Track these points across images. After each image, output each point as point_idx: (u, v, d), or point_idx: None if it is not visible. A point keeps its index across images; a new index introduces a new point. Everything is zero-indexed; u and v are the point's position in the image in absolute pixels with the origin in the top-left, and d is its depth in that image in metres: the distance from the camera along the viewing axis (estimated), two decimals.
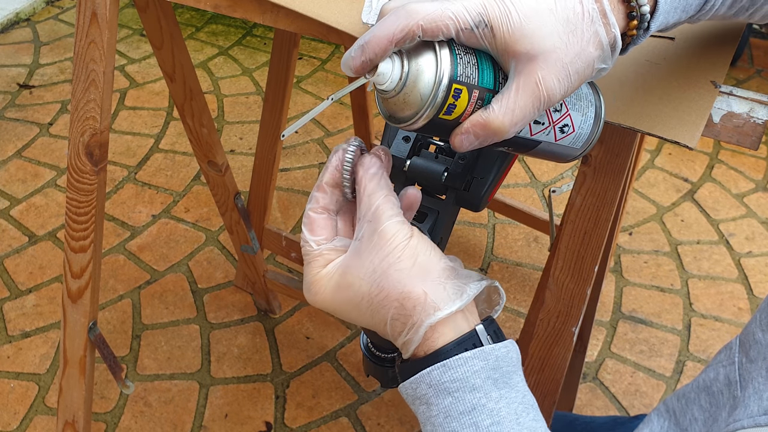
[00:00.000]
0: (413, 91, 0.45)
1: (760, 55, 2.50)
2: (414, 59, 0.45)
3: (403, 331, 0.48)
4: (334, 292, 0.50)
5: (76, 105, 0.87)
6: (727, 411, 0.57)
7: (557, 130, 0.51)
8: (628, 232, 1.87)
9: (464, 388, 0.47)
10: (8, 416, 1.45)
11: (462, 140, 0.46)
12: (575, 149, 0.54)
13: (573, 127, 0.52)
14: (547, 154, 0.54)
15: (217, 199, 1.36)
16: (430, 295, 0.48)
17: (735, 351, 0.59)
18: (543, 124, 0.50)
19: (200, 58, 2.43)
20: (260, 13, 0.74)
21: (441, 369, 0.47)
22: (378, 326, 0.50)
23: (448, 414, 0.47)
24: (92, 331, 1.01)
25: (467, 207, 0.61)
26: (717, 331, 1.64)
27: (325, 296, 0.50)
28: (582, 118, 0.52)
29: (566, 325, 0.78)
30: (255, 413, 1.47)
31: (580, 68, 0.45)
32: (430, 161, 0.60)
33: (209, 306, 1.66)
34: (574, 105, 0.52)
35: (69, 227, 0.95)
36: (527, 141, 0.51)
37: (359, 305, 0.49)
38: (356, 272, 0.48)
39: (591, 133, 0.54)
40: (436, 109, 0.45)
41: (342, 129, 2.16)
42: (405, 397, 0.50)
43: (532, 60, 0.44)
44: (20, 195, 1.92)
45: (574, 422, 0.93)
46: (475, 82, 0.46)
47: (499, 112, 0.45)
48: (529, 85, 0.44)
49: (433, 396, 0.48)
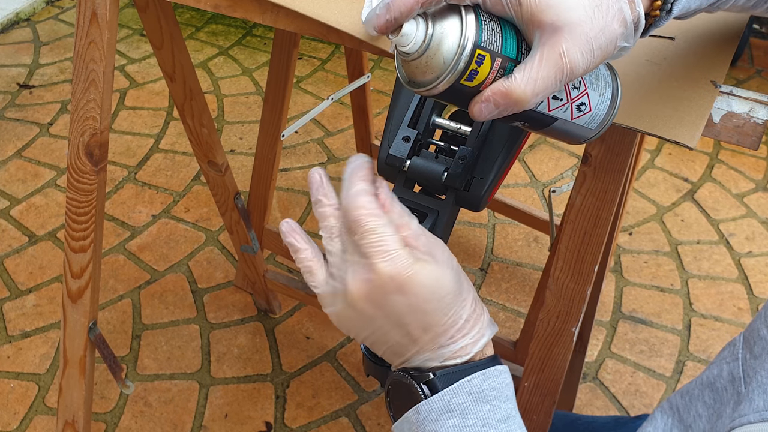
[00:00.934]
0: (436, 55, 0.45)
1: (760, 55, 2.50)
2: (439, 22, 0.45)
3: (468, 336, 0.51)
4: (419, 270, 0.48)
5: (76, 105, 0.87)
6: (731, 407, 0.57)
7: (574, 107, 0.51)
8: (628, 232, 1.87)
9: (500, 397, 0.50)
10: (8, 416, 1.45)
11: (481, 108, 0.45)
12: (589, 130, 0.54)
13: (590, 106, 0.52)
14: (561, 134, 0.53)
15: (217, 199, 1.36)
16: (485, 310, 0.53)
17: (739, 348, 0.59)
18: (561, 100, 0.50)
19: (200, 58, 2.43)
20: (260, 13, 0.74)
21: (481, 377, 0.49)
22: (436, 327, 0.49)
23: (486, 422, 0.49)
24: (92, 331, 1.01)
25: (467, 207, 0.61)
26: (717, 331, 1.64)
27: (403, 265, 0.47)
28: (599, 98, 0.52)
29: (566, 325, 0.78)
30: (255, 413, 1.47)
31: (604, 44, 0.45)
32: (430, 161, 0.60)
33: (209, 306, 1.66)
34: (593, 84, 0.51)
35: (69, 227, 0.95)
36: (544, 117, 0.50)
37: (441, 298, 0.49)
38: (443, 272, 0.49)
39: (606, 115, 0.53)
40: (458, 75, 0.45)
41: (342, 129, 2.16)
42: (426, 415, 0.49)
43: (557, 31, 0.44)
44: (20, 195, 1.92)
45: (576, 422, 0.94)
46: (499, 50, 0.45)
47: (521, 81, 0.44)
48: (552, 57, 0.44)
49: (472, 404, 0.49)
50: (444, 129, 0.63)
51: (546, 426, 0.88)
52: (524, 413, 0.89)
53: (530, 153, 2.11)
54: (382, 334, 0.50)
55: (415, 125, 0.61)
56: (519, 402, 0.88)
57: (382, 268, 0.47)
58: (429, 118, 0.62)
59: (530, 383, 0.86)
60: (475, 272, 1.75)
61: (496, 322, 1.63)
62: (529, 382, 0.86)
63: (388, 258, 0.47)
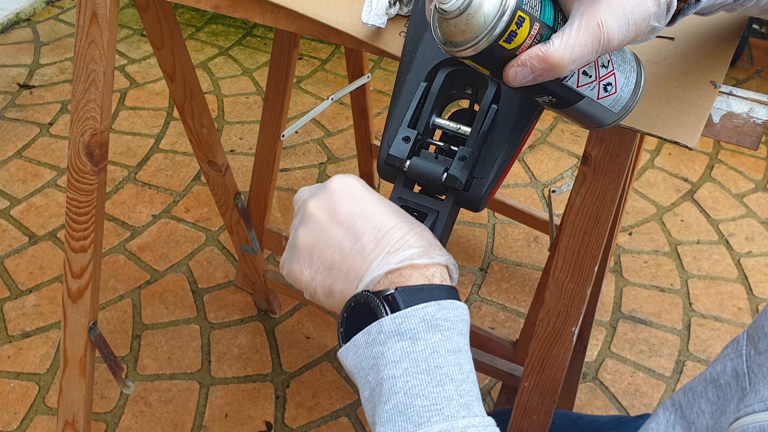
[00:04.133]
0: (477, 13, 0.44)
1: (759, 55, 2.50)
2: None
3: (423, 242, 0.51)
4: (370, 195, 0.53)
5: (77, 105, 0.87)
6: (735, 403, 0.58)
7: (601, 87, 0.51)
8: (628, 232, 1.88)
9: (453, 329, 0.49)
10: (8, 416, 1.45)
11: (516, 72, 0.46)
12: (612, 114, 0.53)
13: (615, 87, 0.52)
14: (583, 115, 0.53)
15: (217, 199, 1.36)
16: None
17: (743, 344, 0.60)
18: (590, 77, 0.50)
19: (200, 58, 2.43)
20: (260, 14, 0.74)
21: (436, 306, 0.48)
22: (390, 229, 0.51)
23: (435, 350, 0.48)
24: (92, 331, 1.01)
25: (467, 207, 0.61)
26: (717, 331, 1.64)
27: (358, 179, 0.53)
28: (624, 81, 0.52)
29: (566, 324, 0.78)
30: (255, 413, 1.47)
31: (638, 20, 0.46)
32: (430, 161, 0.60)
33: (209, 306, 1.66)
34: (620, 65, 0.52)
35: (69, 227, 0.95)
36: (572, 92, 0.50)
37: (388, 205, 0.53)
38: None
39: (629, 100, 0.53)
40: (497, 36, 0.45)
41: (342, 129, 2.16)
42: (375, 336, 0.49)
43: (596, 2, 0.45)
44: (20, 195, 1.92)
45: (578, 421, 0.94)
46: (538, 15, 0.46)
47: (559, 46, 0.45)
48: (591, 26, 0.45)
49: (424, 331, 0.48)
50: (444, 129, 0.63)
51: (546, 425, 0.89)
52: (524, 413, 0.89)
53: (530, 153, 2.11)
54: (337, 250, 0.51)
55: (415, 125, 0.61)
56: (519, 402, 0.89)
57: (334, 180, 0.53)
58: (429, 118, 0.62)
59: (530, 383, 0.86)
60: (475, 272, 1.75)
61: (496, 322, 1.64)
62: (529, 382, 0.86)
63: (340, 176, 0.53)
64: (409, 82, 0.62)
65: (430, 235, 0.54)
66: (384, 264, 0.50)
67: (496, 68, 0.47)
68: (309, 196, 0.54)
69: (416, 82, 0.62)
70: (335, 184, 0.53)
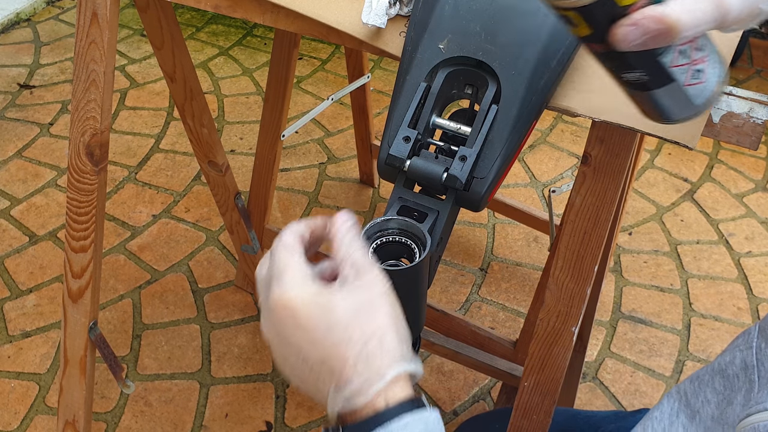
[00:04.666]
0: None
1: (759, 55, 2.50)
2: None
3: (364, 372, 0.46)
4: (311, 299, 0.47)
5: (77, 105, 0.87)
6: (743, 394, 0.58)
7: (692, 71, 0.49)
8: (627, 232, 1.88)
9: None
10: (9, 416, 1.45)
11: (627, 32, 0.42)
12: (693, 106, 0.51)
13: (705, 75, 0.50)
14: (665, 102, 0.51)
15: (218, 199, 1.36)
16: (405, 345, 0.47)
17: (753, 336, 0.60)
18: (687, 58, 0.48)
19: (201, 59, 2.43)
20: (260, 14, 0.75)
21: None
22: (332, 360, 0.46)
23: None
24: (93, 331, 1.01)
25: (467, 207, 0.61)
26: (717, 331, 1.64)
27: (298, 293, 0.47)
28: (712, 71, 0.50)
29: (566, 324, 0.78)
30: (255, 413, 1.47)
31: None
32: (430, 161, 0.60)
33: (209, 306, 1.66)
34: (713, 53, 0.50)
35: (69, 227, 0.95)
36: (666, 72, 0.48)
37: (331, 328, 0.46)
38: (339, 299, 0.47)
39: (712, 95, 0.51)
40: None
41: (342, 129, 2.17)
42: None
43: None
44: (21, 195, 1.92)
45: (576, 416, 0.94)
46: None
47: (677, 8, 0.42)
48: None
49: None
50: (444, 129, 0.63)
51: (546, 425, 0.89)
52: (524, 413, 0.89)
53: (530, 153, 2.11)
54: (294, 368, 0.48)
55: (415, 125, 0.61)
56: (519, 401, 0.89)
57: (274, 291, 0.48)
58: (429, 118, 0.62)
59: (530, 383, 0.86)
60: (475, 272, 1.75)
61: (496, 322, 1.64)
62: (529, 382, 0.86)
63: (282, 283, 0.48)
64: (410, 82, 0.63)
65: (396, 342, 0.47)
66: (332, 404, 0.46)
67: (603, 27, 0.44)
68: (263, 290, 0.50)
69: (416, 82, 0.62)
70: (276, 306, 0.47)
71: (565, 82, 0.63)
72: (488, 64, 0.61)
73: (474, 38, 0.61)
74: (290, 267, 0.48)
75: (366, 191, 1.96)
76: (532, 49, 0.60)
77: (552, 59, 0.60)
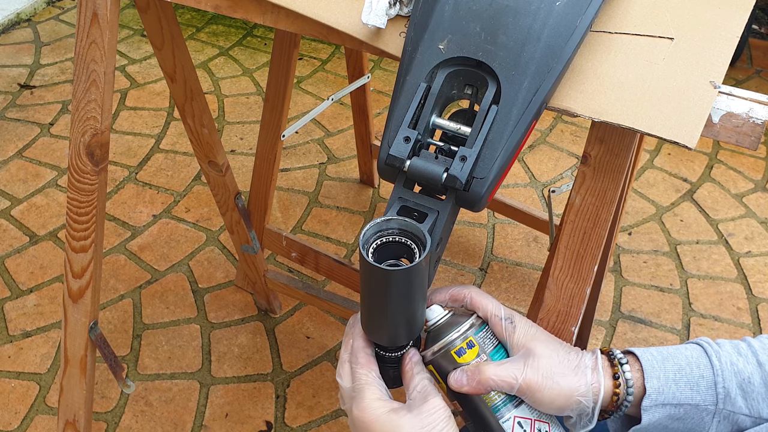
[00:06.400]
0: (445, 323, 0.65)
1: (759, 55, 2.50)
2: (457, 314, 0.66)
3: None
4: (385, 418, 0.60)
5: (77, 105, 0.87)
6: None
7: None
8: (627, 232, 1.88)
9: None
10: (9, 416, 1.45)
11: (456, 375, 0.63)
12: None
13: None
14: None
15: (218, 199, 1.36)
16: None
17: None
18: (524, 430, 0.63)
19: (201, 59, 2.44)
20: (260, 14, 0.75)
21: None
22: None
23: None
24: (93, 331, 1.01)
25: (467, 207, 0.61)
26: (716, 331, 1.64)
27: (374, 413, 0.60)
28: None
29: (566, 324, 0.78)
30: (255, 413, 1.47)
31: (561, 380, 0.62)
32: (430, 161, 0.60)
33: (210, 306, 1.66)
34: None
35: (70, 227, 0.95)
36: None
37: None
38: (406, 421, 0.59)
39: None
40: (449, 345, 0.63)
41: (342, 129, 2.17)
42: None
43: (531, 354, 0.63)
44: (21, 195, 1.92)
45: None
46: (488, 351, 0.64)
47: (489, 369, 0.62)
48: (519, 363, 0.62)
49: None
50: (444, 129, 0.63)
51: None
52: None
53: (530, 153, 2.11)
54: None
55: (415, 126, 0.61)
56: None
57: (357, 405, 0.61)
58: (429, 118, 0.62)
59: None
60: (474, 272, 1.76)
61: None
62: None
63: (362, 404, 0.61)
64: (410, 83, 0.63)
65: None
66: None
67: (444, 372, 0.64)
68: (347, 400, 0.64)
69: (416, 83, 0.62)
70: (356, 418, 0.61)
71: (565, 82, 0.63)
72: (488, 65, 0.61)
73: (474, 38, 0.62)
74: (369, 386, 0.62)
75: (366, 191, 1.97)
76: (532, 49, 0.60)
77: (552, 59, 0.60)
